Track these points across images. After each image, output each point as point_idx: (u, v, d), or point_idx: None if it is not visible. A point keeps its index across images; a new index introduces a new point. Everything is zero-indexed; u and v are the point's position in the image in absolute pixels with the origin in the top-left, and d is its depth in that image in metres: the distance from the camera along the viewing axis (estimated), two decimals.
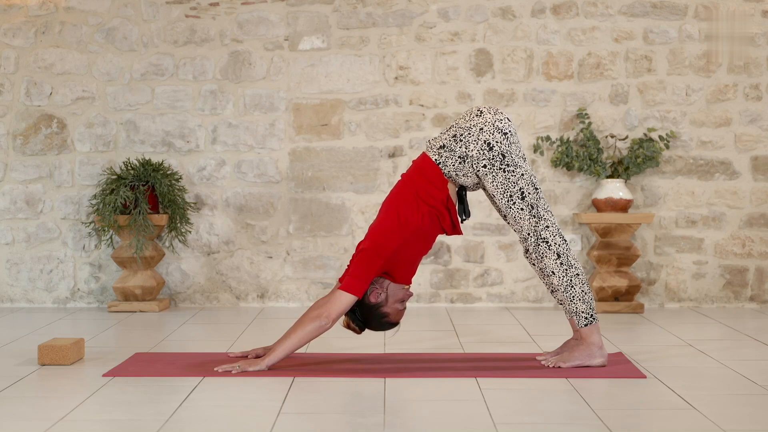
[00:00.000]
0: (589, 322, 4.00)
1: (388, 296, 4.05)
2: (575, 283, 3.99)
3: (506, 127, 3.99)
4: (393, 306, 4.06)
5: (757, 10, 5.92)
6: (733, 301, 5.98)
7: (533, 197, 3.98)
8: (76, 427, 3.18)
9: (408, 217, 3.98)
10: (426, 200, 3.99)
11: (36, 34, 5.98)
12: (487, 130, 3.97)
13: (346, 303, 3.95)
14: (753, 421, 3.23)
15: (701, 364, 4.16)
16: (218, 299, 6.01)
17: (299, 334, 3.95)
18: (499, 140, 3.97)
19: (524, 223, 3.99)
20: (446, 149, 4.00)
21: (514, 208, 3.98)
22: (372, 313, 4.05)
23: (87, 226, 5.93)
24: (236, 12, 5.96)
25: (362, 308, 4.05)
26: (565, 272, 3.99)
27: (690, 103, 5.95)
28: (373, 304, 4.03)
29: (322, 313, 3.92)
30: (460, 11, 5.94)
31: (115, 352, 4.44)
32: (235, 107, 5.97)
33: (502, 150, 3.96)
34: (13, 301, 6.02)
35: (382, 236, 3.99)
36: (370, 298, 4.03)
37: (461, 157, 3.98)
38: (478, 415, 3.29)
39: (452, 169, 3.99)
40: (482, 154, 3.96)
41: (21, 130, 5.99)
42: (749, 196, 5.97)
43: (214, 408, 3.41)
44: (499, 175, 3.96)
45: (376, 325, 4.08)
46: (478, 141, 3.96)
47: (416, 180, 4.02)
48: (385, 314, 4.06)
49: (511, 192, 3.97)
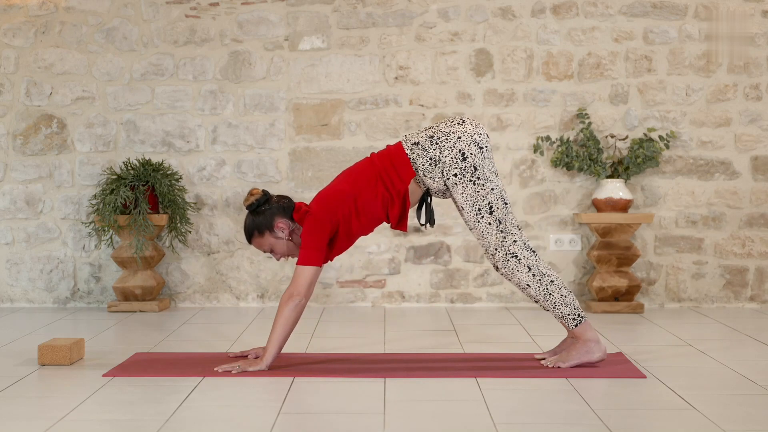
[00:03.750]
0: (577, 322, 4.01)
1: (283, 237, 4.07)
2: (552, 290, 4.00)
3: (483, 141, 4.01)
4: (276, 241, 4.07)
5: (757, 10, 5.92)
6: (733, 301, 5.98)
7: (501, 212, 3.98)
8: (76, 427, 3.18)
9: (362, 189, 4.00)
10: (385, 183, 4.00)
11: (36, 34, 5.98)
12: (465, 140, 3.98)
13: (308, 275, 3.96)
14: (753, 421, 3.23)
15: (701, 364, 4.16)
16: (218, 299, 6.01)
17: (282, 322, 3.96)
18: (473, 152, 3.97)
19: (491, 238, 3.99)
20: (420, 147, 4.00)
21: (482, 222, 3.98)
22: (263, 222, 4.05)
23: (87, 226, 5.93)
24: (236, 12, 5.96)
25: (262, 214, 4.06)
26: (539, 282, 3.99)
27: (690, 103, 5.95)
28: (271, 226, 4.05)
29: (292, 293, 3.95)
30: (460, 11, 5.94)
31: (115, 352, 4.44)
32: (235, 107, 5.97)
33: (475, 162, 3.97)
34: (13, 301, 6.03)
35: (333, 200, 4.00)
36: (277, 224, 4.04)
37: (433, 159, 3.98)
38: (478, 415, 3.29)
39: (421, 168, 3.99)
40: (455, 163, 3.96)
41: (21, 130, 5.99)
42: (749, 196, 5.97)
43: (214, 408, 3.41)
44: (469, 187, 3.97)
45: (251, 223, 4.08)
46: (453, 148, 3.97)
47: (383, 162, 4.03)
48: (262, 233, 4.06)
49: (479, 205, 3.97)
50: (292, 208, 4.09)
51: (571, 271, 5.97)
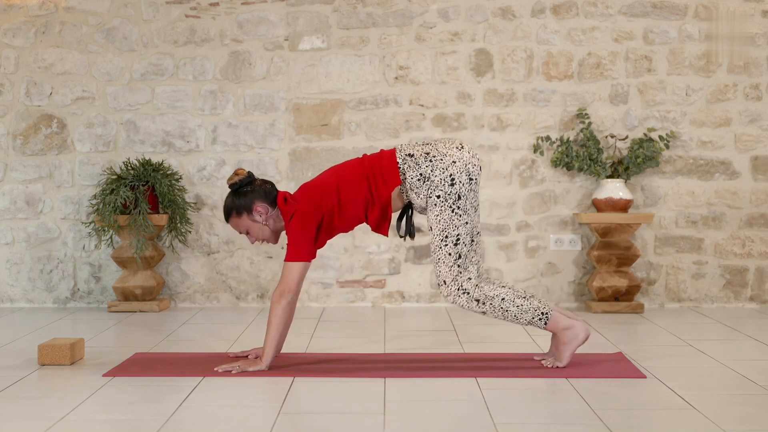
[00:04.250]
0: (545, 320, 4.01)
1: (260, 221, 4.06)
2: (506, 306, 3.99)
3: (475, 172, 4.01)
4: (252, 224, 4.06)
5: (757, 10, 5.92)
6: (733, 301, 5.98)
7: (466, 248, 3.98)
8: (76, 427, 3.18)
9: (347, 186, 4.00)
10: (370, 185, 3.99)
11: (36, 34, 5.98)
12: (459, 166, 3.97)
13: (297, 271, 3.96)
14: (753, 421, 3.23)
15: (701, 364, 4.16)
16: (218, 299, 6.01)
17: (275, 321, 3.97)
18: (463, 181, 3.97)
19: (445, 268, 3.98)
20: (413, 159, 3.99)
21: (443, 249, 3.98)
22: (242, 204, 4.05)
23: (87, 226, 5.93)
24: (236, 12, 5.96)
25: (243, 195, 4.05)
26: (492, 307, 3.99)
27: (690, 103, 5.95)
28: (250, 208, 4.04)
29: (283, 290, 3.95)
30: (460, 11, 5.94)
31: (115, 352, 4.44)
32: (235, 107, 5.97)
33: (461, 191, 3.97)
34: (13, 301, 6.02)
35: (319, 192, 4.00)
36: (256, 207, 4.04)
37: (423, 175, 3.97)
38: (478, 415, 3.29)
39: (409, 180, 3.99)
40: (442, 185, 3.96)
41: (21, 130, 5.99)
42: (749, 196, 5.97)
43: (214, 408, 3.41)
44: (447, 213, 3.96)
45: (230, 203, 4.08)
46: (445, 171, 3.96)
47: (373, 165, 4.03)
48: (240, 214, 4.05)
49: (448, 233, 3.97)
50: (274, 193, 4.08)
51: (571, 271, 5.97)
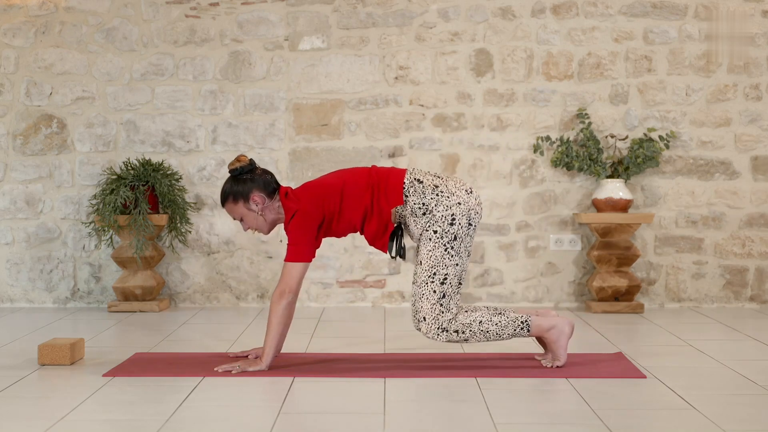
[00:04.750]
0: (526, 329, 4.01)
1: (256, 211, 4.04)
2: (486, 328, 3.99)
3: (476, 219, 4.02)
4: (247, 212, 4.04)
5: (757, 10, 5.92)
6: (733, 301, 5.98)
7: (452, 289, 3.98)
8: (76, 427, 3.18)
9: (351, 191, 3.99)
10: (373, 197, 3.98)
11: (36, 34, 5.98)
12: (462, 208, 3.98)
13: (297, 271, 3.95)
14: (753, 421, 3.23)
15: (701, 364, 4.16)
16: (218, 299, 6.01)
17: (275, 321, 3.97)
18: (462, 224, 3.97)
19: (427, 305, 3.97)
20: (421, 186, 3.98)
21: (429, 286, 3.97)
22: (240, 191, 4.02)
23: (87, 226, 5.93)
24: (236, 12, 5.96)
25: (242, 182, 4.03)
26: (472, 333, 3.99)
27: (690, 103, 5.95)
28: (247, 196, 4.02)
29: (283, 291, 3.95)
30: (460, 11, 5.94)
31: (115, 352, 4.45)
32: (235, 107, 5.97)
33: (458, 233, 3.97)
34: (13, 301, 6.03)
35: (322, 193, 3.99)
36: (253, 197, 4.01)
37: (426, 205, 3.97)
38: (478, 415, 3.29)
39: (410, 206, 3.98)
40: (442, 221, 3.96)
41: (21, 130, 5.99)
42: (749, 196, 5.97)
43: (214, 408, 3.41)
44: (439, 250, 3.96)
45: (228, 188, 4.05)
46: (448, 209, 3.96)
47: (380, 178, 4.02)
48: (237, 201, 4.02)
49: (436, 270, 3.96)
50: (273, 185, 4.06)
51: (571, 271, 5.97)
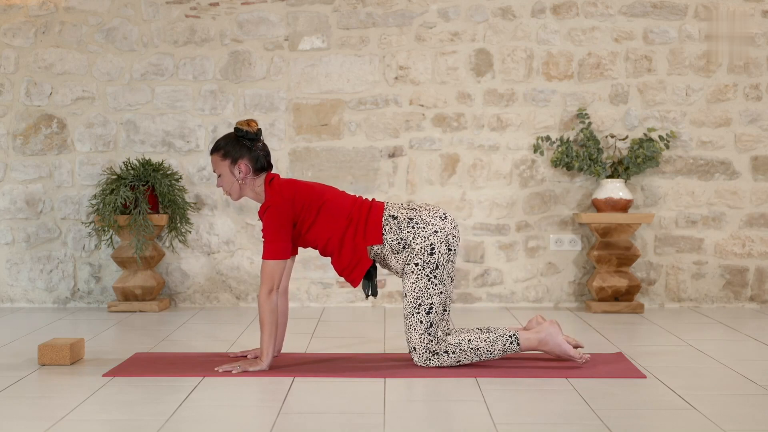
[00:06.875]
0: (516, 342, 4.02)
1: (236, 178, 4.03)
2: (476, 346, 4.00)
3: (454, 244, 4.05)
4: (228, 174, 4.02)
5: (757, 10, 5.92)
6: (733, 301, 5.98)
7: (437, 317, 4.01)
8: (76, 427, 3.18)
9: (330, 210, 4.00)
10: (351, 227, 4.00)
11: (36, 34, 5.98)
12: (440, 236, 4.00)
13: (279, 268, 3.95)
14: (753, 421, 3.23)
15: (701, 364, 4.16)
16: (218, 299, 6.01)
17: (268, 320, 3.97)
18: (442, 251, 4.00)
19: (415, 335, 4.00)
20: (396, 223, 4.00)
21: (415, 317, 3.99)
22: (232, 151, 4.02)
23: (87, 226, 5.93)
24: (236, 12, 5.96)
25: (239, 145, 4.02)
26: (462, 352, 4.01)
27: (690, 103, 5.95)
28: (235, 160, 4.01)
29: (270, 289, 3.94)
30: (460, 11, 5.94)
31: (115, 352, 4.45)
32: (235, 107, 5.97)
33: (439, 261, 4.00)
34: (13, 301, 6.03)
35: (303, 196, 3.99)
36: (240, 164, 4.00)
37: (404, 240, 3.99)
38: (478, 415, 3.29)
39: (389, 243, 4.00)
40: (421, 253, 3.98)
41: (21, 130, 5.99)
42: (749, 196, 5.97)
43: (214, 408, 3.41)
44: (422, 281, 3.98)
45: (224, 144, 4.04)
46: (426, 239, 3.99)
47: (362, 213, 4.03)
48: (225, 158, 4.01)
49: (421, 301, 3.99)
50: (262, 163, 4.04)
51: (571, 271, 5.97)
